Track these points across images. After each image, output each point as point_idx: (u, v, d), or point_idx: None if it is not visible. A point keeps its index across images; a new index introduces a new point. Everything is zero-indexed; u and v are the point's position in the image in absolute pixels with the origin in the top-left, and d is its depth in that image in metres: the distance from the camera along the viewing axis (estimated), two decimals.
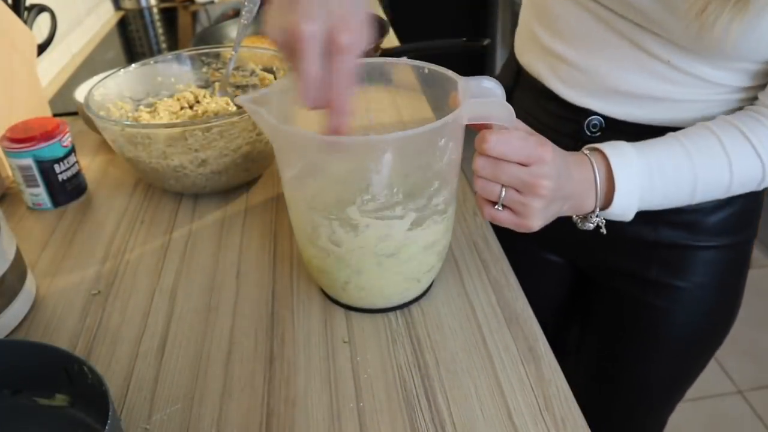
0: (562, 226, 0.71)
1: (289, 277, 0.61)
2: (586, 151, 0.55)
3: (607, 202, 0.54)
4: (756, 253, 1.98)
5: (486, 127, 0.49)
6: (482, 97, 0.49)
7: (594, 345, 0.81)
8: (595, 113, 0.64)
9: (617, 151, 0.53)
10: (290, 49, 0.42)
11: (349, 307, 0.57)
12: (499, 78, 0.79)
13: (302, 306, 0.57)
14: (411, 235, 0.51)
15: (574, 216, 0.56)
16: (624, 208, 0.54)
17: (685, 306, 0.71)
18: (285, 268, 0.62)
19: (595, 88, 0.63)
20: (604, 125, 0.64)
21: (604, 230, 0.56)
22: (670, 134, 0.56)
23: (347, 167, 0.50)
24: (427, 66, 0.53)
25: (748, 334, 1.72)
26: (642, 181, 0.53)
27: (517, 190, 0.49)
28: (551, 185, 0.48)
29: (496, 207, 0.50)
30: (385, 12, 1.45)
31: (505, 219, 0.51)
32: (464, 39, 1.08)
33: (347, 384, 0.49)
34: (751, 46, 0.52)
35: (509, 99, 0.61)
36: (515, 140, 0.48)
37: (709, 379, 1.62)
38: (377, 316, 0.56)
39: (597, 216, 0.55)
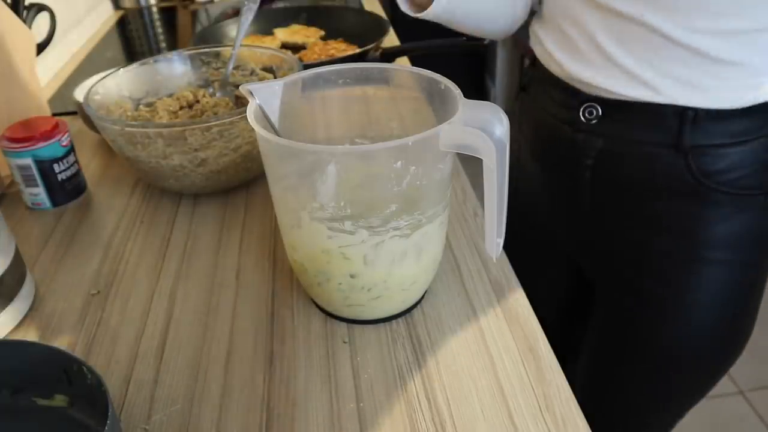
0: (566, 220, 0.71)
1: (289, 276, 0.61)
2: None
3: None
4: None
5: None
6: (477, 125, 0.44)
7: (587, 356, 0.80)
8: (593, 97, 0.64)
9: None
10: None
11: (329, 314, 0.56)
12: (522, 74, 0.80)
13: (302, 306, 0.57)
14: (368, 253, 0.49)
15: None
16: None
17: (681, 323, 0.67)
18: (285, 268, 0.62)
19: (594, 58, 0.63)
20: (600, 113, 0.64)
21: None
22: None
23: (299, 173, 0.48)
24: (444, 82, 0.50)
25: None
26: None
27: None
28: None
29: None
30: (386, 11, 1.45)
31: None
32: (464, 38, 1.08)
33: (347, 384, 0.49)
34: None
35: (525, 91, 0.58)
36: None
37: None
38: None
39: None
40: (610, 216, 0.69)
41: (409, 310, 0.55)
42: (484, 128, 0.43)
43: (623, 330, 0.73)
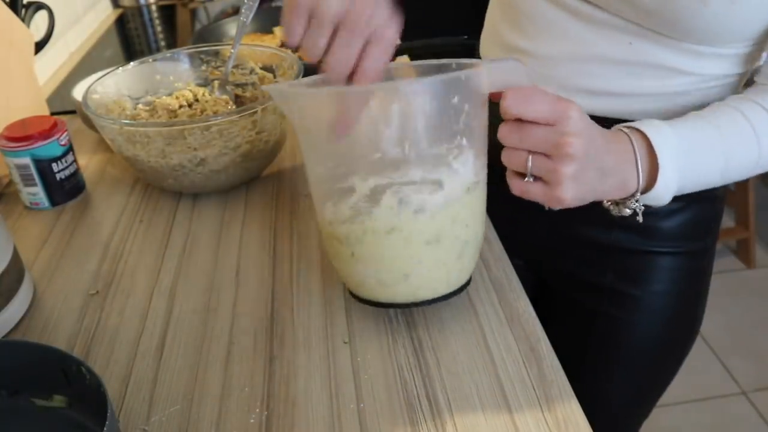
0: (521, 224, 0.70)
1: (289, 276, 0.61)
2: (623, 128, 0.51)
3: (649, 182, 0.51)
4: (759, 253, 1.97)
5: None
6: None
7: None
8: None
9: (656, 129, 0.50)
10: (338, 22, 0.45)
11: (367, 302, 0.54)
12: None
13: (302, 306, 0.57)
14: (432, 209, 0.49)
15: (605, 202, 0.53)
16: (665, 188, 0.51)
17: (642, 316, 0.69)
18: (285, 268, 0.62)
19: (554, 82, 0.62)
20: None
21: (641, 217, 0.52)
22: (695, 113, 0.54)
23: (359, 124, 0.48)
24: (455, 61, 0.51)
25: (751, 335, 1.71)
26: (680, 161, 0.50)
27: (546, 155, 0.46)
28: (580, 143, 0.45)
29: (527, 179, 0.47)
30: None
31: (536, 191, 0.47)
32: (465, 37, 1.08)
33: (348, 385, 0.49)
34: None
35: None
36: (536, 96, 0.45)
37: (712, 380, 1.61)
38: (378, 316, 0.55)
39: (637, 200, 0.51)
40: (564, 218, 0.69)
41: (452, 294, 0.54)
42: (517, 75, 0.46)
43: (587, 328, 0.74)
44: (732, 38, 0.54)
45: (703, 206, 0.66)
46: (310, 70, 0.76)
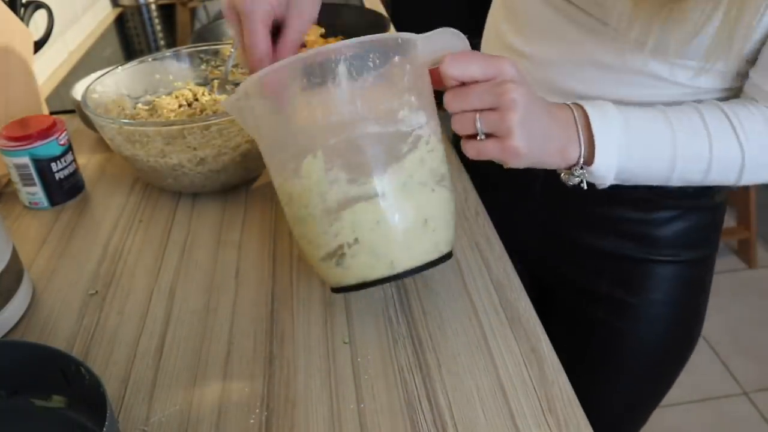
0: (516, 228, 0.69)
1: (289, 276, 0.60)
2: (567, 103, 0.53)
3: (590, 157, 0.52)
4: (760, 253, 1.97)
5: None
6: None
7: None
8: None
9: (598, 107, 0.52)
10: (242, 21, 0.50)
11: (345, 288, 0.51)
12: None
13: (302, 306, 0.57)
14: (389, 168, 0.47)
15: (559, 170, 0.55)
16: (605, 165, 0.52)
17: (640, 325, 0.69)
18: (285, 268, 0.62)
19: (548, 85, 0.62)
20: None
21: (585, 185, 0.54)
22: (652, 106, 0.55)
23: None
24: (400, 36, 0.49)
25: (753, 335, 1.71)
26: (620, 137, 0.52)
27: (492, 110, 0.47)
28: (520, 89, 0.46)
29: (479, 137, 0.48)
30: (385, 8, 1.44)
31: (490, 147, 0.48)
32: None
33: (348, 385, 0.49)
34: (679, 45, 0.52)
35: None
36: (472, 56, 0.47)
37: (713, 380, 1.61)
38: (378, 315, 0.55)
39: (582, 168, 0.53)
40: (562, 224, 0.69)
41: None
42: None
43: (586, 335, 0.73)
44: (726, 58, 0.53)
45: (700, 215, 0.65)
46: None
